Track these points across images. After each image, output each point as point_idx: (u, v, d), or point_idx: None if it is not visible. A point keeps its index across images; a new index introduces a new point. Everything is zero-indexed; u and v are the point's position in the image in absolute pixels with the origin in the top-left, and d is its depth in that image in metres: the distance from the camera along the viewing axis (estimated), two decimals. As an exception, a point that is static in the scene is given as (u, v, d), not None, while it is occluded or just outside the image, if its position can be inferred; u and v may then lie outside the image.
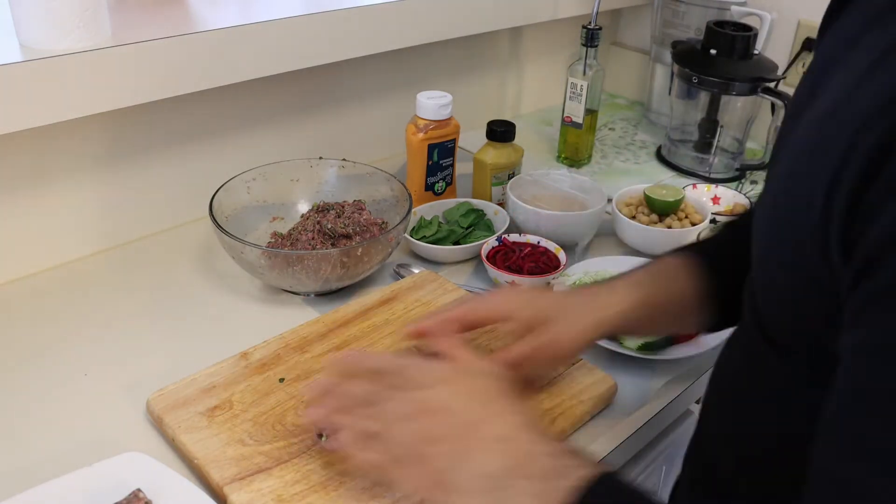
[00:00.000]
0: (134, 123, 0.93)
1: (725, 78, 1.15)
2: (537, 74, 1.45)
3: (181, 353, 0.78)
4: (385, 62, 1.16)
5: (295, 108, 1.10)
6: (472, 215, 1.00)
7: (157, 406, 0.68)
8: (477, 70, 1.33)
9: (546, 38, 1.42)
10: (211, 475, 0.62)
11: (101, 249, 0.96)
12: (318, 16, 0.96)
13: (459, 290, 0.87)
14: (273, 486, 0.61)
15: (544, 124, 1.42)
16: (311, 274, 0.82)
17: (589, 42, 1.16)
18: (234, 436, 0.66)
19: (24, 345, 0.79)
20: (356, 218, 0.91)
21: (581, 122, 1.21)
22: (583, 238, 1.00)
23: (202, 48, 0.88)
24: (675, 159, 1.27)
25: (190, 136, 1.00)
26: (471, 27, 1.17)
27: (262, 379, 0.72)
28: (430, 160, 1.02)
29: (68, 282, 0.90)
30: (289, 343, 0.77)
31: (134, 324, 0.83)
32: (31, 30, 0.78)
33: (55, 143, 0.87)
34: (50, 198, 0.90)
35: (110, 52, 0.81)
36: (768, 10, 1.21)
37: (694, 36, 1.31)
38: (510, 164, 1.06)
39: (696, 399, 0.84)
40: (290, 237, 0.91)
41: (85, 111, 0.82)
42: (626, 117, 1.47)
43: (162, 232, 1.01)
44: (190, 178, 1.01)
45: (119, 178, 0.95)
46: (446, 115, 1.00)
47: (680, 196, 1.01)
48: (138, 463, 0.61)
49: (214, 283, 0.91)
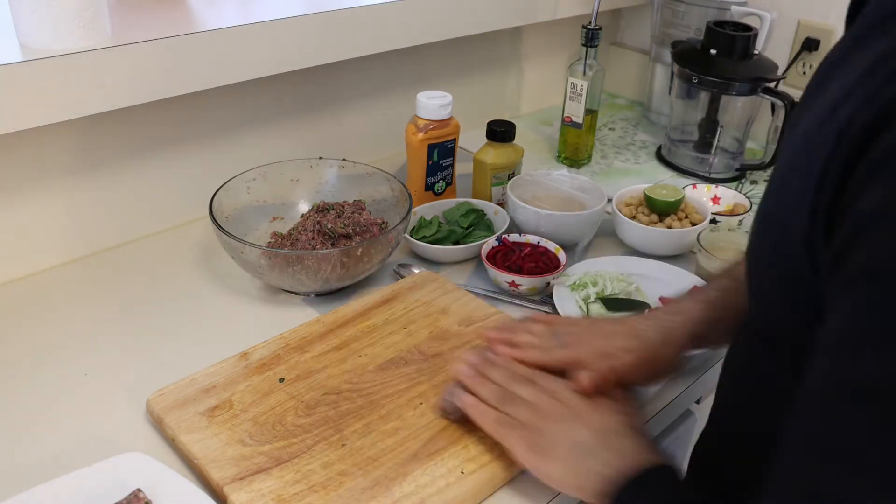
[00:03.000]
0: (134, 123, 0.93)
1: (725, 78, 1.15)
2: (537, 74, 1.45)
3: (181, 352, 0.78)
4: (385, 62, 1.16)
5: (295, 108, 1.10)
6: (472, 215, 1.00)
7: (157, 406, 0.68)
8: (477, 70, 1.33)
9: (546, 38, 1.42)
10: (211, 475, 0.62)
11: (101, 249, 0.96)
12: (318, 16, 0.96)
13: (459, 290, 0.87)
14: (273, 486, 0.61)
15: (544, 124, 1.42)
16: (311, 274, 0.82)
17: (589, 42, 1.16)
18: (234, 436, 0.66)
19: (25, 345, 0.79)
20: (356, 218, 0.91)
21: (581, 122, 1.21)
22: (583, 238, 1.00)
23: (202, 48, 0.88)
24: (675, 159, 1.27)
25: (189, 136, 1.00)
26: (471, 27, 1.17)
27: (262, 379, 0.72)
28: (430, 160, 1.02)
29: (68, 281, 0.90)
30: (289, 343, 0.77)
31: (134, 324, 0.83)
32: (31, 30, 0.79)
33: (55, 143, 0.87)
34: (49, 197, 0.90)
35: (110, 52, 0.81)
36: (768, 10, 1.21)
37: (694, 36, 1.31)
38: (510, 164, 1.06)
39: (696, 399, 0.84)
40: (290, 237, 0.91)
41: (85, 111, 0.82)
42: (626, 117, 1.47)
43: (162, 232, 1.01)
44: (190, 177, 1.01)
45: (118, 178, 0.95)
46: (446, 115, 1.00)
47: (680, 196, 1.01)
48: (138, 463, 0.61)
49: (214, 283, 0.91)
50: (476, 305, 0.85)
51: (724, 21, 1.19)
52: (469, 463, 0.64)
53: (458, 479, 0.63)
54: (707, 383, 0.81)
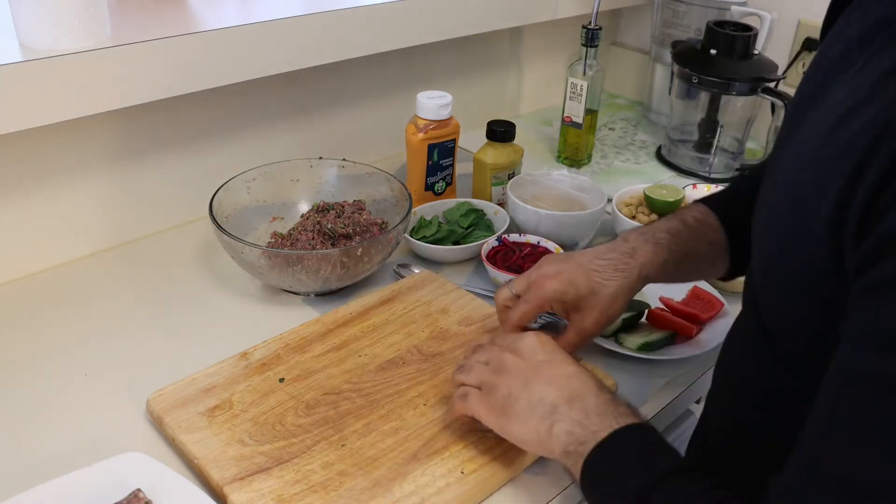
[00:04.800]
0: (134, 123, 0.93)
1: (725, 78, 1.15)
2: (537, 74, 1.45)
3: (181, 353, 0.78)
4: (385, 62, 1.16)
5: (295, 108, 1.10)
6: (472, 215, 1.00)
7: (157, 406, 0.68)
8: (477, 70, 1.33)
9: (546, 38, 1.42)
10: (211, 475, 0.62)
11: (101, 249, 0.96)
12: (318, 16, 0.96)
13: (459, 290, 0.87)
14: (273, 486, 0.61)
15: (544, 124, 1.42)
16: (311, 274, 0.82)
17: (589, 42, 1.16)
18: (234, 436, 0.66)
19: (25, 345, 0.79)
20: (356, 218, 0.91)
21: (581, 122, 1.21)
22: (583, 238, 1.00)
23: (202, 48, 0.88)
24: (675, 159, 1.27)
25: (190, 136, 1.00)
26: (471, 27, 1.17)
27: (262, 379, 0.72)
28: (430, 160, 1.02)
29: (68, 282, 0.90)
30: (289, 343, 0.77)
31: (134, 324, 0.83)
32: (31, 30, 0.79)
33: (55, 143, 0.87)
34: (50, 198, 0.90)
35: (110, 52, 0.81)
36: (768, 10, 1.21)
37: (694, 36, 1.31)
38: (510, 164, 1.06)
39: (696, 399, 0.84)
40: (290, 237, 0.91)
41: (85, 111, 0.82)
42: (626, 117, 1.47)
43: (162, 232, 1.01)
44: (190, 178, 1.01)
45: (118, 178, 0.95)
46: (446, 115, 1.00)
47: (680, 196, 1.01)
48: (138, 463, 0.61)
49: (214, 283, 0.91)
50: (476, 305, 0.85)
51: (724, 21, 1.19)
52: (469, 463, 0.64)
53: (459, 479, 0.63)
54: (707, 383, 0.81)
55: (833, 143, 0.45)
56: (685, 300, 0.87)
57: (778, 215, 0.51)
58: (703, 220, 0.73)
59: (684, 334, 0.82)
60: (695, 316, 0.83)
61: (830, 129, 0.45)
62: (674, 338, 0.82)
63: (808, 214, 0.46)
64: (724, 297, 0.86)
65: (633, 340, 0.80)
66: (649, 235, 0.71)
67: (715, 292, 0.87)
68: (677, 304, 0.85)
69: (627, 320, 0.81)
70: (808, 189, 0.46)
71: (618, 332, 0.81)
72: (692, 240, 0.71)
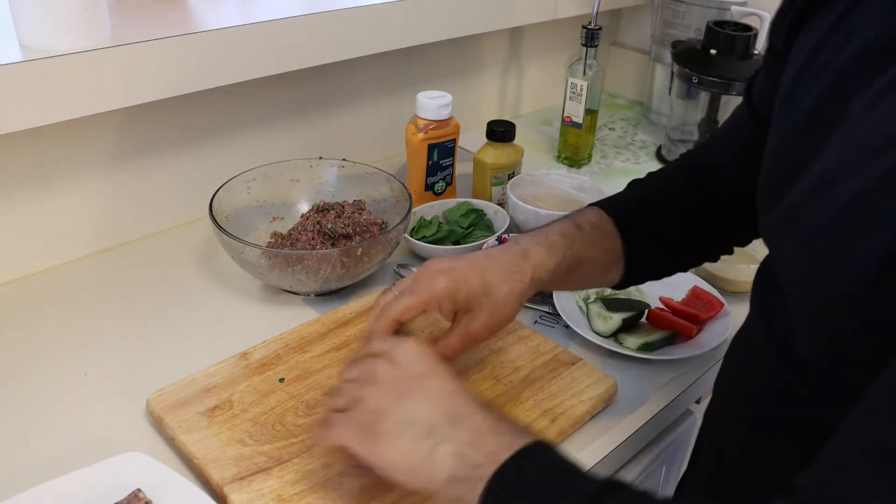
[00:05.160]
0: (134, 123, 0.93)
1: (725, 78, 1.15)
2: (537, 74, 1.45)
3: (181, 353, 0.78)
4: (385, 62, 1.16)
5: (295, 108, 1.10)
6: (472, 215, 1.00)
7: (157, 406, 0.68)
8: (477, 70, 1.33)
9: (546, 38, 1.42)
10: (211, 475, 0.62)
11: (101, 249, 0.96)
12: (318, 16, 0.96)
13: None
14: (273, 486, 0.61)
15: (544, 124, 1.42)
16: (311, 274, 0.82)
17: (589, 42, 1.16)
18: (234, 436, 0.66)
19: (25, 345, 0.79)
20: (356, 218, 0.91)
21: (581, 122, 1.21)
22: (583, 238, 1.00)
23: (202, 48, 0.88)
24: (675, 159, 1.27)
25: (190, 136, 1.00)
26: (471, 27, 1.17)
27: (262, 379, 0.72)
28: (430, 160, 1.02)
29: (68, 282, 0.90)
30: (289, 343, 0.77)
31: (134, 324, 0.83)
32: (31, 30, 0.78)
33: (55, 143, 0.87)
34: (50, 198, 0.90)
35: (110, 52, 0.81)
36: (768, 10, 1.21)
37: (694, 36, 1.31)
38: (510, 164, 1.06)
39: (696, 399, 0.84)
40: (290, 237, 0.91)
41: (84, 111, 0.82)
42: (626, 117, 1.47)
43: (162, 232, 1.01)
44: (190, 178, 1.01)
45: (118, 178, 0.95)
46: (446, 115, 1.00)
47: (680, 196, 1.01)
48: (138, 463, 0.61)
49: (214, 283, 0.91)
50: (476, 305, 0.85)
51: (724, 21, 1.19)
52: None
53: (458, 479, 0.63)
54: (707, 383, 0.81)
55: (883, 164, 0.41)
56: (685, 300, 0.87)
57: (820, 236, 0.47)
58: (598, 225, 0.69)
59: (684, 334, 0.82)
60: (695, 316, 0.83)
61: (876, 150, 0.42)
62: (674, 338, 0.82)
63: (848, 254, 0.43)
64: (724, 297, 0.86)
65: (633, 340, 0.80)
66: (541, 238, 0.67)
67: (715, 292, 0.87)
68: (677, 305, 0.85)
69: (627, 320, 0.81)
70: (857, 212, 0.43)
71: (618, 332, 0.81)
72: (586, 245, 0.67)
